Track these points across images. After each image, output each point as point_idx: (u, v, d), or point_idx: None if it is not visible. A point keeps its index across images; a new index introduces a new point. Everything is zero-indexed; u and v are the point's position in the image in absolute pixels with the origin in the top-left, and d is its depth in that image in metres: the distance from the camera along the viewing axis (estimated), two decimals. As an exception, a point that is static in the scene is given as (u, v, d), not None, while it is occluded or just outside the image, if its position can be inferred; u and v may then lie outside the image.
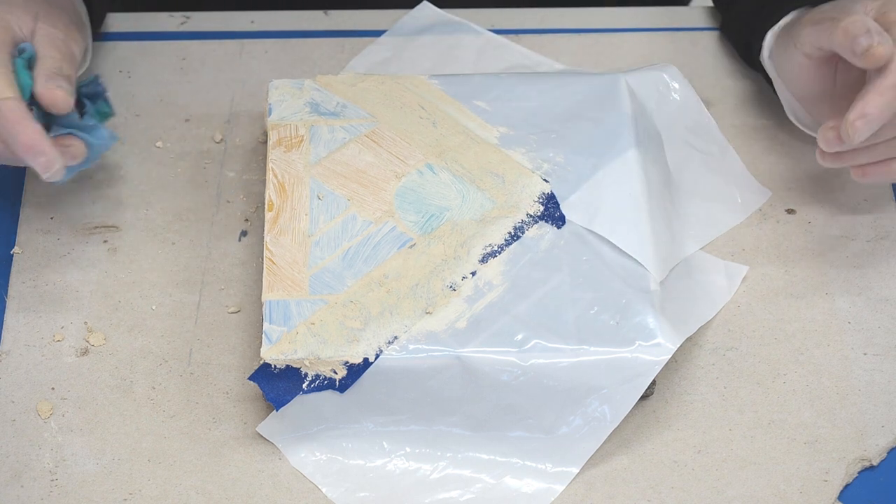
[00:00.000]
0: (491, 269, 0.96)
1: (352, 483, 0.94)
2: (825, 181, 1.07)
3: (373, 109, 1.03)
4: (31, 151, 0.93)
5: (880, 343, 0.99)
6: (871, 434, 0.96)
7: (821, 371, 0.98)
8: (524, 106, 1.03)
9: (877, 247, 1.04)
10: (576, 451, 0.94)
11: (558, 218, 0.98)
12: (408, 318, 0.93)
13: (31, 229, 1.04)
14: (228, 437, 0.95)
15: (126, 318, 1.00)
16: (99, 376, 0.98)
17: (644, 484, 0.94)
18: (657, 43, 1.14)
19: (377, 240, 0.97)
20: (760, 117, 1.10)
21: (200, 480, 0.94)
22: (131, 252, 1.03)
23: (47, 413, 0.96)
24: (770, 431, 0.96)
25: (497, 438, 0.94)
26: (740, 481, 0.94)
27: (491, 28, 1.15)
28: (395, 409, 0.94)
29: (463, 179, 0.99)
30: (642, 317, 0.94)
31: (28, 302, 1.00)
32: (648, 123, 1.03)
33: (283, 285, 0.94)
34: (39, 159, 0.93)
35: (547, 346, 0.93)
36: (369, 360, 0.92)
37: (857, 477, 0.95)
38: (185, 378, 0.98)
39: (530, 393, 0.93)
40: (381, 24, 1.15)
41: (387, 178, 0.99)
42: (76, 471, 0.94)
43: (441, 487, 0.94)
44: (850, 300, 1.01)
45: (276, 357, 0.92)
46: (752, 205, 1.05)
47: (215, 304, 1.01)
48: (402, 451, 0.94)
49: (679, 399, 0.97)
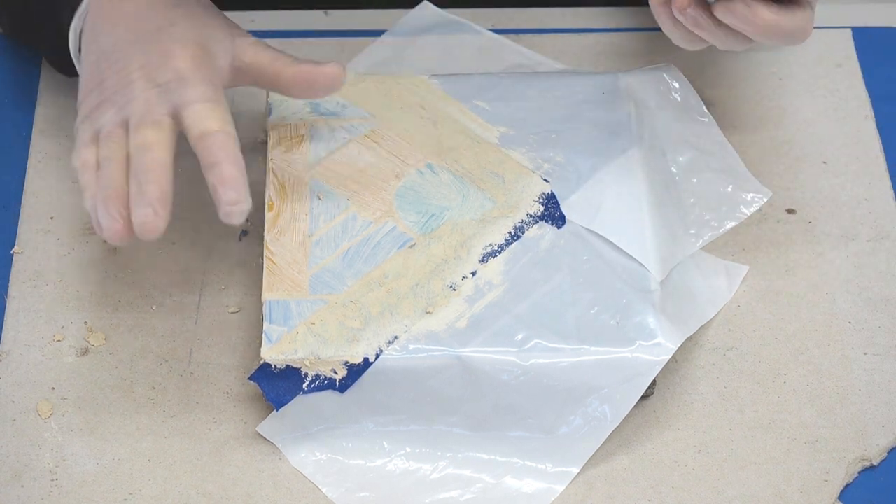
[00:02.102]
0: (491, 268, 0.96)
1: (352, 483, 0.94)
2: (825, 181, 1.07)
3: (373, 109, 1.03)
4: (227, 183, 0.89)
5: (880, 343, 0.99)
6: (872, 434, 0.96)
7: (821, 371, 0.98)
8: (524, 106, 1.03)
9: (877, 247, 1.04)
10: (576, 450, 0.94)
11: (558, 218, 0.98)
12: (408, 318, 0.93)
13: (31, 229, 1.04)
14: (228, 437, 0.95)
15: (126, 318, 1.00)
16: (99, 376, 0.97)
17: (644, 484, 0.94)
18: (657, 43, 1.14)
19: (377, 240, 0.97)
20: (760, 117, 1.10)
21: (200, 480, 0.94)
22: (131, 252, 1.03)
23: (47, 413, 0.96)
24: (770, 431, 0.96)
25: (497, 438, 0.94)
26: (740, 481, 0.94)
27: (491, 28, 1.15)
28: (395, 408, 0.94)
29: (463, 179, 0.99)
30: (643, 316, 0.94)
31: (28, 302, 1.00)
32: (649, 123, 1.03)
33: (283, 285, 0.94)
34: (229, 193, 0.89)
35: (547, 345, 0.93)
36: (369, 359, 0.92)
37: (858, 477, 0.95)
38: (185, 378, 0.98)
39: (530, 393, 0.93)
40: (381, 24, 1.15)
41: (387, 177, 0.99)
42: (76, 471, 0.94)
43: (441, 487, 0.94)
44: (850, 300, 1.01)
45: (276, 357, 0.92)
46: (752, 205, 1.05)
47: (215, 304, 1.01)
48: (403, 451, 0.94)
49: (679, 399, 0.97)
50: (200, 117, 0.91)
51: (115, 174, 0.90)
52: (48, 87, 1.10)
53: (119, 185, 0.90)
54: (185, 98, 0.91)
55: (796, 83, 1.12)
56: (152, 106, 0.91)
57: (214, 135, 0.90)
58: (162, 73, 0.92)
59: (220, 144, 0.90)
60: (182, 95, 0.91)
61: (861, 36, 1.15)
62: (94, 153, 0.92)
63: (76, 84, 1.09)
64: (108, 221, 0.89)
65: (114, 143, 0.91)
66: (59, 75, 1.09)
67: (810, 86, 1.12)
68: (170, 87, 0.91)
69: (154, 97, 0.91)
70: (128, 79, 0.92)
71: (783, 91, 1.12)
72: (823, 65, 1.13)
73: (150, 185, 0.89)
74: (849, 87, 1.12)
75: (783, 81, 1.12)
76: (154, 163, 0.89)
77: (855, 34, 1.15)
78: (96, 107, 0.93)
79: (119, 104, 0.92)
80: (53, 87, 1.10)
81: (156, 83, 0.92)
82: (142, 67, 0.92)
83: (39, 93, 1.10)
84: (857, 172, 1.07)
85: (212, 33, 0.95)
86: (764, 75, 1.12)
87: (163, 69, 0.92)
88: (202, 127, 0.90)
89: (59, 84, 1.10)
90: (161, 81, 0.92)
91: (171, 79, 0.91)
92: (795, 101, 1.11)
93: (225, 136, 0.90)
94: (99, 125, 0.92)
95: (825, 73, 1.13)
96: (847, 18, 1.16)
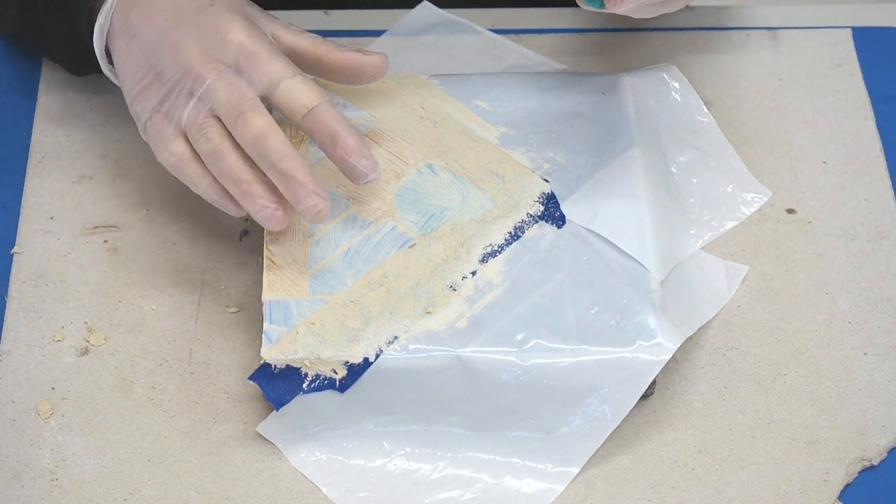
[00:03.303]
0: (491, 268, 0.96)
1: (352, 483, 0.94)
2: (825, 181, 1.07)
3: (373, 109, 1.03)
4: (356, 153, 0.91)
5: (880, 343, 0.99)
6: (872, 434, 0.96)
7: (821, 371, 0.98)
8: (524, 106, 1.03)
9: (877, 247, 1.04)
10: (576, 450, 0.94)
11: (558, 218, 0.98)
12: (408, 318, 0.93)
13: (31, 229, 1.04)
14: (228, 437, 0.95)
15: (126, 318, 1.00)
16: (99, 376, 0.97)
17: (644, 484, 0.94)
18: (657, 43, 1.14)
19: (377, 240, 0.97)
20: (760, 117, 1.10)
21: (200, 480, 0.94)
22: (131, 252, 1.03)
23: (47, 413, 0.96)
24: (770, 431, 0.96)
25: (497, 438, 0.94)
26: (740, 481, 0.94)
27: (491, 28, 1.14)
28: (395, 408, 0.94)
29: (463, 179, 0.99)
30: (643, 316, 0.94)
31: (28, 302, 1.00)
32: (649, 123, 1.03)
33: (283, 285, 0.94)
34: (362, 161, 0.91)
35: (547, 345, 0.93)
36: (369, 359, 0.92)
37: (858, 477, 0.95)
38: (185, 378, 0.98)
39: (530, 393, 0.93)
40: (381, 24, 1.15)
41: (387, 177, 0.99)
42: (76, 471, 0.94)
43: (441, 487, 0.94)
44: (850, 300, 1.01)
45: (277, 357, 0.92)
46: (752, 205, 1.05)
47: (215, 304, 1.01)
48: (403, 450, 0.94)
49: (679, 399, 0.97)
50: (297, 93, 0.91)
51: (237, 165, 0.91)
52: (48, 87, 1.10)
53: (250, 176, 0.91)
54: (269, 77, 0.91)
55: (796, 83, 1.12)
56: (239, 91, 0.91)
57: (320, 107, 0.91)
58: (224, 52, 0.92)
59: (331, 116, 0.91)
60: (264, 74, 0.91)
61: (861, 36, 1.15)
62: (186, 145, 0.93)
63: (78, 83, 1.10)
64: (265, 213, 0.91)
65: (214, 133, 0.92)
66: (59, 74, 1.09)
67: (810, 86, 1.12)
68: (241, 67, 0.91)
69: (234, 80, 0.91)
70: (190, 66, 0.92)
71: (783, 91, 1.12)
72: (823, 65, 1.13)
73: (297, 173, 0.90)
74: (849, 87, 1.12)
75: (783, 81, 1.12)
76: (281, 150, 0.91)
77: (855, 34, 1.15)
78: (163, 99, 0.93)
79: (195, 93, 0.92)
80: (54, 87, 1.10)
81: (223, 63, 0.91)
82: (200, 51, 0.92)
83: (39, 92, 1.10)
84: (857, 172, 1.07)
85: (251, 11, 0.96)
86: (764, 75, 1.12)
87: (223, 46, 0.92)
88: (304, 102, 0.91)
89: (59, 84, 1.10)
90: (228, 61, 0.91)
91: (236, 56, 0.91)
92: (795, 101, 1.11)
93: (329, 107, 0.92)
94: (179, 116, 0.92)
95: (825, 73, 1.13)
96: (847, 18, 1.16)
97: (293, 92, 0.91)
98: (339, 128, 0.91)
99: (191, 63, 0.92)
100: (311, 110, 0.91)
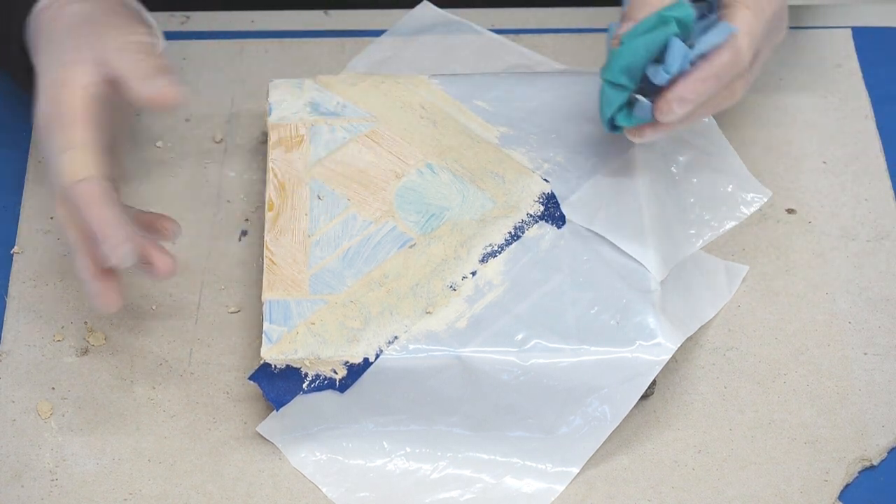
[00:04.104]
0: (491, 268, 0.96)
1: (352, 483, 0.94)
2: (825, 181, 1.07)
3: (373, 109, 1.03)
4: (104, 237, 0.89)
5: (880, 343, 0.99)
6: (872, 434, 0.96)
7: (821, 371, 0.98)
8: (524, 106, 1.03)
9: (877, 247, 1.04)
10: (576, 450, 0.94)
11: (558, 218, 0.98)
12: (408, 318, 0.93)
13: (31, 229, 1.04)
14: (228, 437, 0.95)
15: (126, 318, 1.00)
16: (99, 376, 0.97)
17: (644, 484, 0.94)
18: (657, 43, 1.14)
19: (377, 239, 0.97)
20: (760, 117, 1.10)
21: (200, 480, 0.94)
22: (131, 252, 1.03)
23: (47, 413, 0.96)
24: (770, 431, 0.96)
25: (497, 438, 0.94)
26: (740, 481, 0.94)
27: (491, 28, 1.15)
28: (395, 408, 0.94)
29: (463, 179, 0.99)
30: (643, 316, 0.94)
31: (28, 302, 1.00)
32: (648, 123, 1.03)
33: (283, 285, 0.94)
34: (110, 242, 0.89)
35: (547, 345, 0.93)
36: (369, 359, 0.92)
37: (858, 477, 0.95)
38: (185, 378, 0.98)
39: (530, 393, 0.93)
40: (381, 24, 1.15)
41: (387, 177, 0.99)
42: (76, 471, 0.94)
43: (441, 487, 0.94)
44: (850, 300, 1.01)
45: (276, 357, 0.92)
46: (752, 205, 1.05)
47: (215, 304, 1.01)
48: (403, 451, 0.94)
49: (679, 399, 0.97)
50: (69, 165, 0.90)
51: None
52: (48, 87, 1.10)
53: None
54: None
55: (796, 83, 1.12)
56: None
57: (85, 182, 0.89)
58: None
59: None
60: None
61: (861, 36, 1.15)
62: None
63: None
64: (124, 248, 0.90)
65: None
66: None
67: (810, 86, 1.12)
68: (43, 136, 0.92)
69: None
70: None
71: (783, 91, 1.12)
72: (823, 65, 1.13)
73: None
74: (849, 87, 1.12)
75: (783, 81, 1.12)
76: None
77: (855, 34, 1.15)
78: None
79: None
80: (53, 87, 1.10)
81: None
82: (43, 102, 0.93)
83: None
84: (857, 172, 1.07)
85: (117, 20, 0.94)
86: (764, 75, 1.12)
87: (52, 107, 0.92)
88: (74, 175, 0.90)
89: (59, 84, 1.10)
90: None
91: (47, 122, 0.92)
92: (795, 101, 1.11)
93: (92, 183, 0.89)
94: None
95: (825, 73, 1.13)
96: (847, 18, 1.16)
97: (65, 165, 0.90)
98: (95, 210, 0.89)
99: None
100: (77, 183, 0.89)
